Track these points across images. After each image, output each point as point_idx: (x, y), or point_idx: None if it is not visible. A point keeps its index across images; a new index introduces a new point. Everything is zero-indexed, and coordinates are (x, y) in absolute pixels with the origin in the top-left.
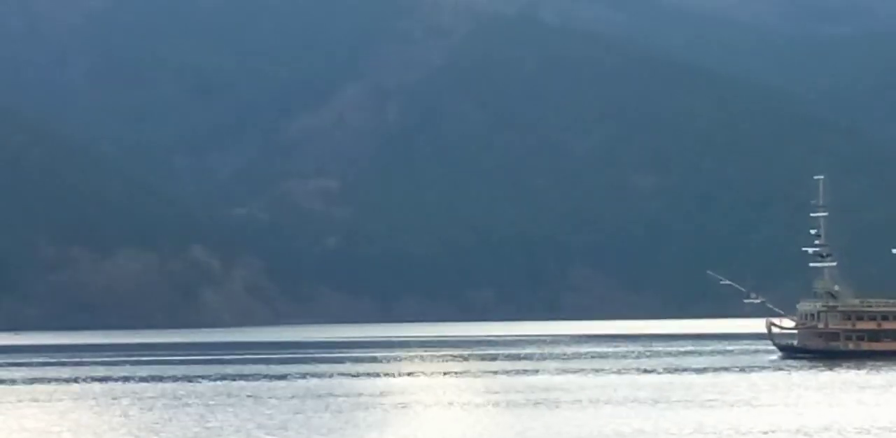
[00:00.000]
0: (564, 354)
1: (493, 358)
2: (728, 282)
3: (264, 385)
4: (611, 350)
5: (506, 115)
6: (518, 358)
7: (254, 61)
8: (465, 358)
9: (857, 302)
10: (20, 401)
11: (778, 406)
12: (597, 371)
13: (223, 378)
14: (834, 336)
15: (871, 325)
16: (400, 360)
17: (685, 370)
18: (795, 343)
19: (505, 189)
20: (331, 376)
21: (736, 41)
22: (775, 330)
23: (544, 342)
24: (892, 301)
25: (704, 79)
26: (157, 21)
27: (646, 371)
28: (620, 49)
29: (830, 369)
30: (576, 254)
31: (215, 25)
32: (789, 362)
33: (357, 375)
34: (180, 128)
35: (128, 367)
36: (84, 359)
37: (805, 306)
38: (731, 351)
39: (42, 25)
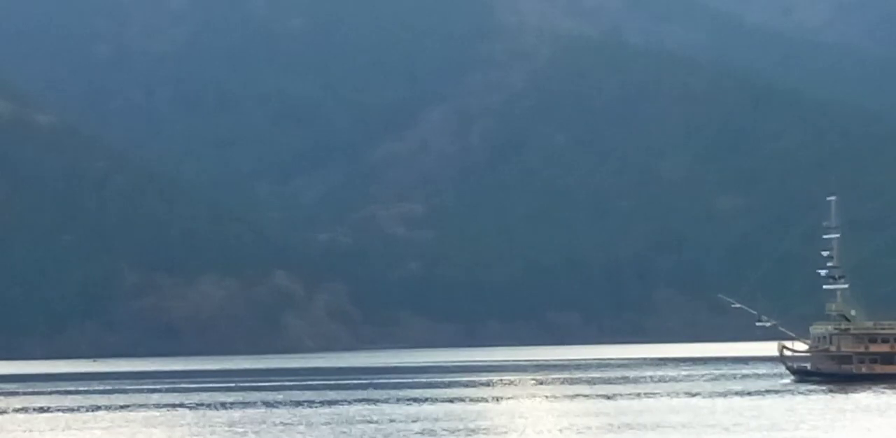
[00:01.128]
0: (642, 377)
1: (579, 381)
2: (739, 306)
3: (347, 409)
4: (681, 373)
5: (589, 138)
6: (603, 381)
7: (337, 87)
8: (551, 382)
9: (870, 324)
10: (105, 428)
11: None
12: (650, 394)
13: (307, 404)
14: (847, 359)
15: (885, 348)
16: (485, 385)
17: (708, 394)
18: (809, 366)
19: (589, 212)
20: (415, 401)
21: (822, 61)
22: (787, 353)
23: (626, 365)
24: None
25: (790, 101)
26: (242, 48)
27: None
28: (705, 71)
29: (844, 392)
30: (660, 277)
31: (299, 52)
32: (801, 386)
33: (444, 400)
34: (264, 154)
35: (211, 394)
36: (168, 386)
37: (818, 329)
38: (749, 375)
39: (129, 53)
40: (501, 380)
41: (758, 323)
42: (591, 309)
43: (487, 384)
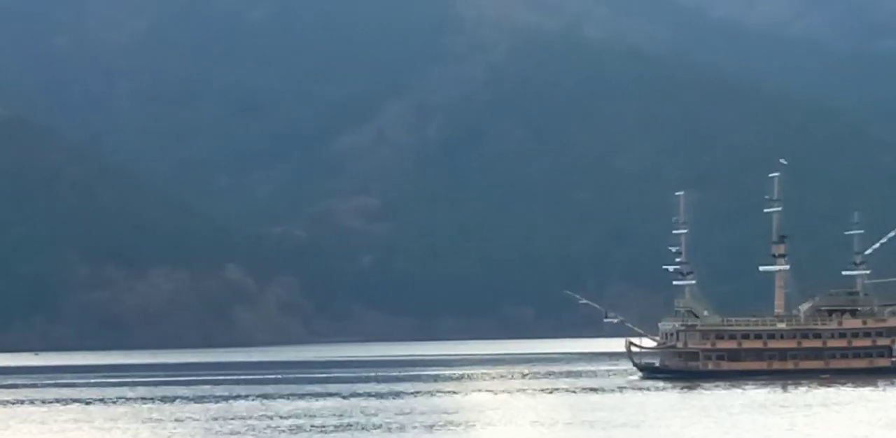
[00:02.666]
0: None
1: (534, 375)
2: (586, 302)
3: (300, 404)
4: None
5: (547, 132)
6: (561, 375)
7: (296, 80)
8: (505, 376)
9: (717, 320)
10: (46, 422)
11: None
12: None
13: (259, 397)
14: (693, 355)
15: (732, 344)
16: (440, 379)
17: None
18: (656, 362)
19: (546, 206)
20: (368, 395)
21: (785, 56)
22: (635, 349)
23: (579, 359)
24: (752, 319)
25: (750, 96)
26: (201, 41)
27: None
28: (665, 65)
29: (690, 389)
30: (615, 271)
31: (258, 44)
32: (648, 383)
33: (396, 394)
34: (223, 146)
35: (160, 388)
36: (116, 380)
37: (666, 325)
38: (599, 372)
39: (88, 45)
40: (456, 374)
41: (605, 320)
42: (546, 302)
43: (442, 378)
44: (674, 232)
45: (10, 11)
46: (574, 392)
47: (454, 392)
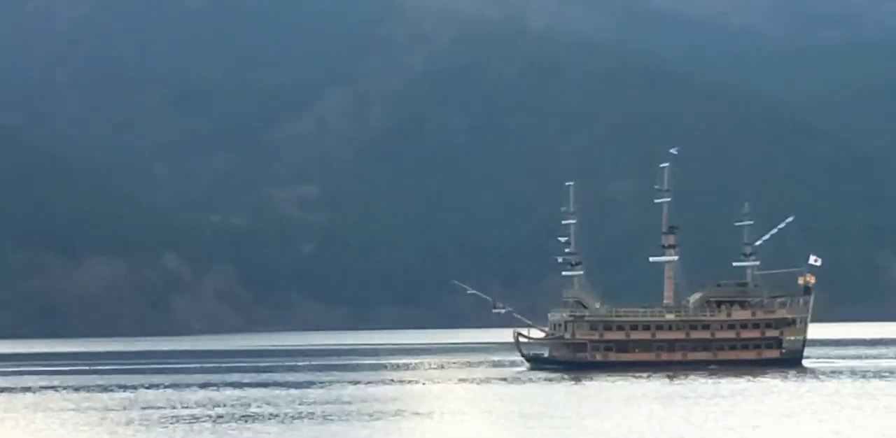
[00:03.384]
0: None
1: (472, 364)
2: (474, 292)
3: (235, 393)
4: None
5: (489, 122)
6: (500, 364)
7: (236, 68)
8: (443, 366)
9: (605, 311)
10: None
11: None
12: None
13: (172, 386)
14: (581, 346)
15: (620, 335)
16: (377, 368)
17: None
18: (545, 354)
19: (486, 196)
20: (304, 384)
21: (725, 47)
22: (523, 340)
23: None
24: (641, 310)
25: (690, 86)
26: (140, 28)
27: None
28: (607, 55)
29: (576, 381)
30: (554, 261)
31: (198, 32)
32: (535, 374)
33: (331, 383)
34: (161, 135)
35: (95, 376)
36: (52, 368)
37: (554, 316)
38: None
39: (26, 31)
40: (393, 364)
41: (494, 310)
42: (485, 292)
43: (379, 367)
44: (563, 222)
45: None
46: (463, 383)
47: (375, 383)
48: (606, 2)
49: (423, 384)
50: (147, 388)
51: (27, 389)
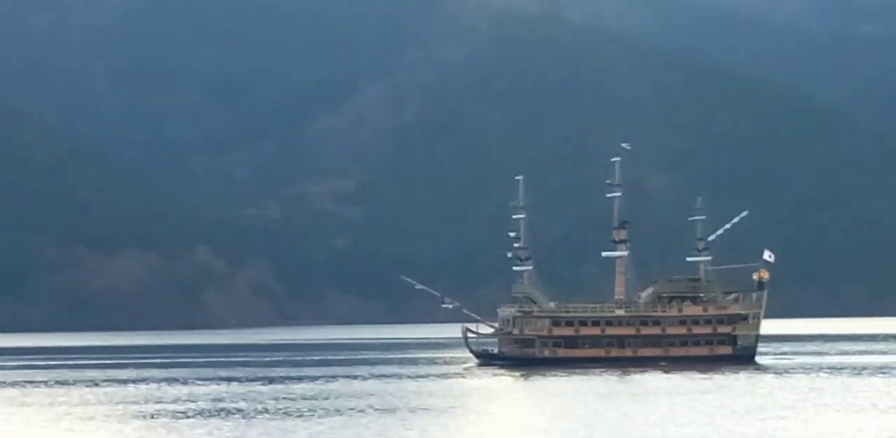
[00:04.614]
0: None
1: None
2: (422, 287)
3: (269, 388)
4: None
5: (524, 115)
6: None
7: (273, 62)
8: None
9: (553, 307)
10: (14, 405)
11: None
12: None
13: (226, 380)
14: (530, 342)
15: (569, 331)
16: (412, 363)
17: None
18: (494, 350)
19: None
20: (336, 378)
21: (765, 40)
22: (471, 336)
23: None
24: (590, 306)
25: (728, 79)
26: (178, 23)
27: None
28: (644, 48)
29: (526, 377)
30: (588, 255)
31: (235, 27)
32: (484, 370)
33: (367, 377)
34: (200, 129)
35: (128, 370)
36: (84, 362)
37: (504, 311)
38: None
39: (65, 26)
40: (428, 358)
41: (442, 306)
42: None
43: (414, 362)
44: (513, 216)
45: None
46: (411, 378)
47: (388, 377)
48: None
49: (453, 378)
50: (168, 382)
51: (64, 383)
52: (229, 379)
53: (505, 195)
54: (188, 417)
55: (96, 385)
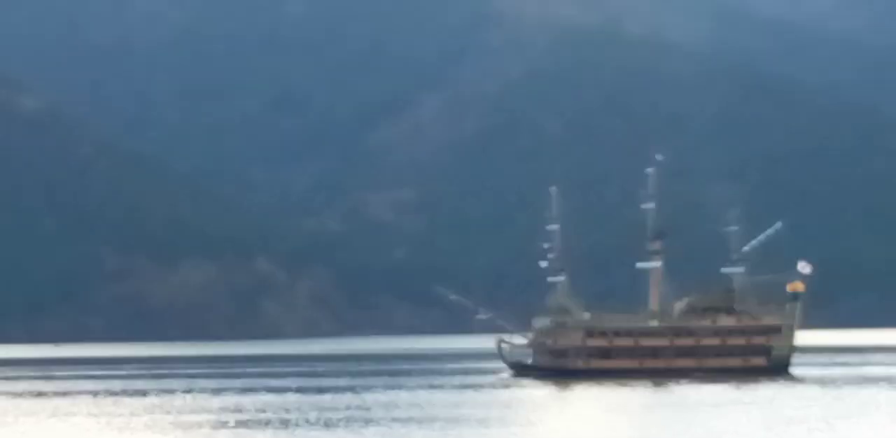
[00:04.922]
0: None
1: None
2: (456, 297)
3: (325, 399)
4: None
5: (583, 126)
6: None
7: (334, 73)
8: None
9: (587, 317)
10: (74, 415)
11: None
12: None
13: (285, 391)
14: (564, 353)
15: (603, 342)
16: (469, 373)
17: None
18: (528, 360)
19: (579, 199)
20: (395, 388)
21: (823, 53)
22: (505, 346)
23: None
24: (624, 317)
25: (786, 91)
26: (239, 35)
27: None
28: (703, 59)
29: (561, 388)
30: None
31: (296, 39)
32: (518, 380)
33: (427, 387)
34: (259, 140)
35: (186, 380)
36: (145, 372)
37: (539, 322)
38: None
39: (128, 41)
40: (484, 368)
41: (477, 316)
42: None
43: (471, 371)
44: (547, 227)
45: (54, 5)
46: (446, 389)
47: (415, 387)
48: (704, 6)
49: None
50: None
51: (112, 393)
52: (278, 390)
53: (563, 203)
54: (227, 428)
55: (144, 395)
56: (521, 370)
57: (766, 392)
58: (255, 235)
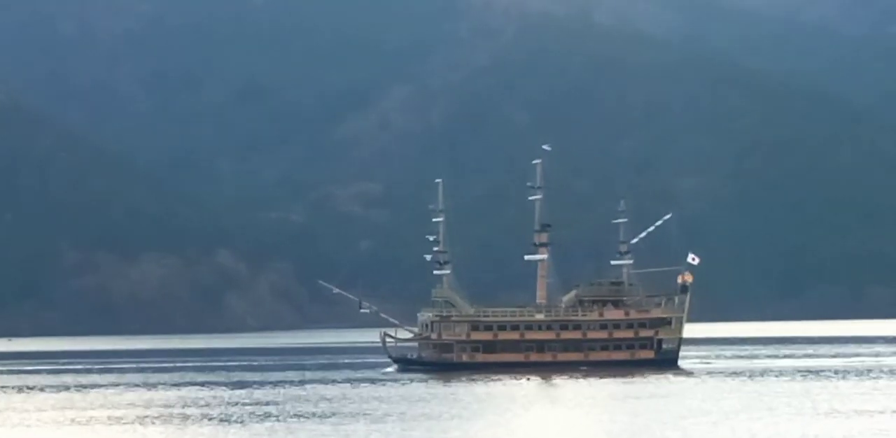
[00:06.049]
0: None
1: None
2: (339, 291)
3: (286, 391)
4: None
5: (551, 118)
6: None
7: (299, 65)
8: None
9: (471, 311)
10: (36, 410)
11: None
12: None
13: (243, 385)
14: (448, 347)
15: (487, 336)
16: (356, 367)
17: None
18: (413, 355)
19: (546, 191)
20: (355, 382)
21: (793, 42)
22: (389, 340)
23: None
24: (509, 310)
25: (756, 82)
26: (204, 27)
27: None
28: (672, 50)
29: (443, 382)
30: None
31: (261, 30)
32: (401, 375)
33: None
34: (224, 133)
35: (148, 374)
36: (104, 366)
37: (423, 316)
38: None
39: (91, 32)
40: (347, 363)
41: (361, 310)
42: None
43: (357, 366)
44: (433, 219)
45: None
46: (328, 384)
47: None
48: None
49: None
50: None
51: (83, 387)
52: (200, 384)
53: (524, 196)
54: (156, 421)
55: (96, 388)
56: (406, 364)
57: (658, 386)
58: (217, 228)
